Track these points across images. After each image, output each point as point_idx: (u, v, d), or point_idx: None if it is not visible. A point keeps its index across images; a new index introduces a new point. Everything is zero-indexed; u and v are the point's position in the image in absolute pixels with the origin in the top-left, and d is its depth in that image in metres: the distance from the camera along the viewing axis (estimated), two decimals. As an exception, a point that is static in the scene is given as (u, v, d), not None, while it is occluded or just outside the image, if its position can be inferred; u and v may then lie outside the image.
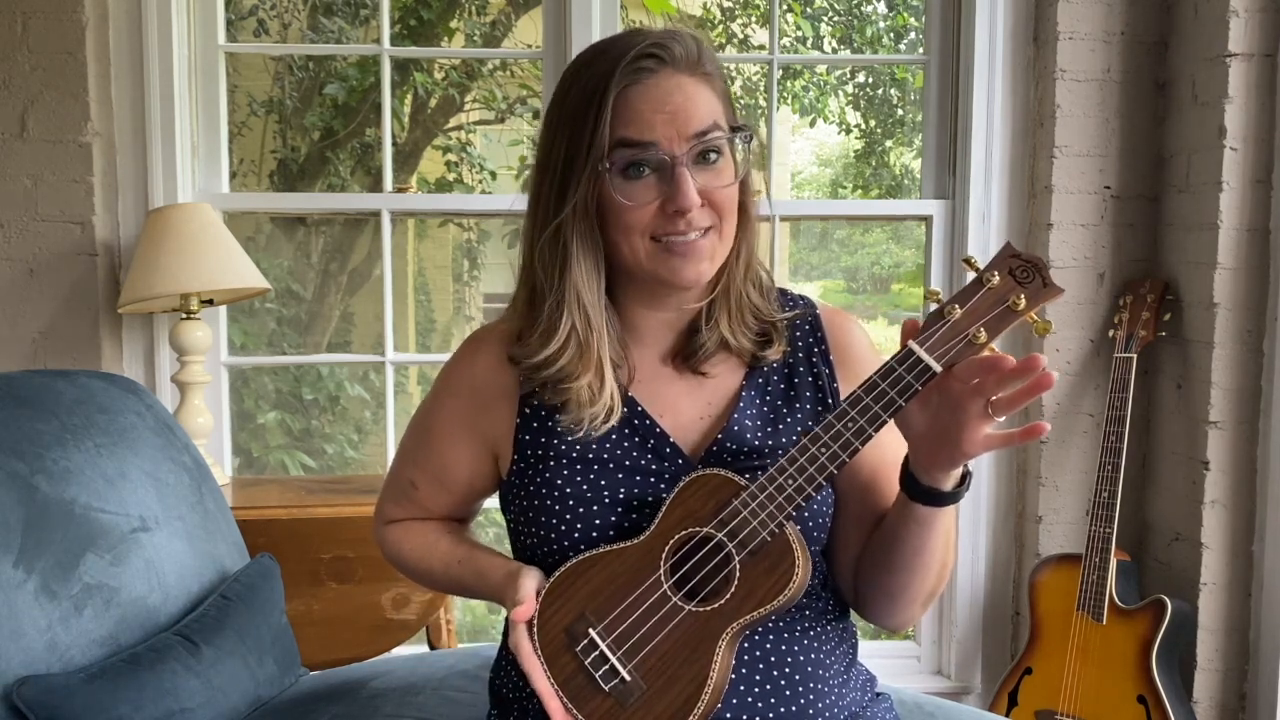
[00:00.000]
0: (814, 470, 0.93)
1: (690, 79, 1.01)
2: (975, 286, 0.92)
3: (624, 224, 1.01)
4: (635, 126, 0.99)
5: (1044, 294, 0.91)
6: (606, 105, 0.99)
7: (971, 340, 0.91)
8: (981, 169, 2.36)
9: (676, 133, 0.99)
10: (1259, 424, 2.10)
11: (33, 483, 1.28)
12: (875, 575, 1.09)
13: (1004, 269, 0.92)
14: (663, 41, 1.01)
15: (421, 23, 4.29)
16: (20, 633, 1.19)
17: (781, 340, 1.11)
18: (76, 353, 2.24)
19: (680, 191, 0.99)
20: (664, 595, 0.97)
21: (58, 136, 2.20)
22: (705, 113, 1.00)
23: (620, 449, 1.06)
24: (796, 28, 4.73)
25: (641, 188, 1.00)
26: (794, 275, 5.83)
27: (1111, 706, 2.09)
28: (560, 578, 1.00)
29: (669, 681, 0.95)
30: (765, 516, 0.94)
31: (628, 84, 0.99)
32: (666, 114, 0.99)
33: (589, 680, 0.97)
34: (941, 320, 0.92)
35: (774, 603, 0.94)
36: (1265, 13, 2.05)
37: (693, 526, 0.97)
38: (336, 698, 1.43)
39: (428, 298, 5.19)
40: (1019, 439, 0.92)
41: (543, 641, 0.98)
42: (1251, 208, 2.08)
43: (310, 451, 4.45)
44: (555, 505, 1.04)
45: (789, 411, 1.09)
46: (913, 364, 0.91)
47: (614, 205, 1.01)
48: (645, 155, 0.99)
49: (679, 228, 1.00)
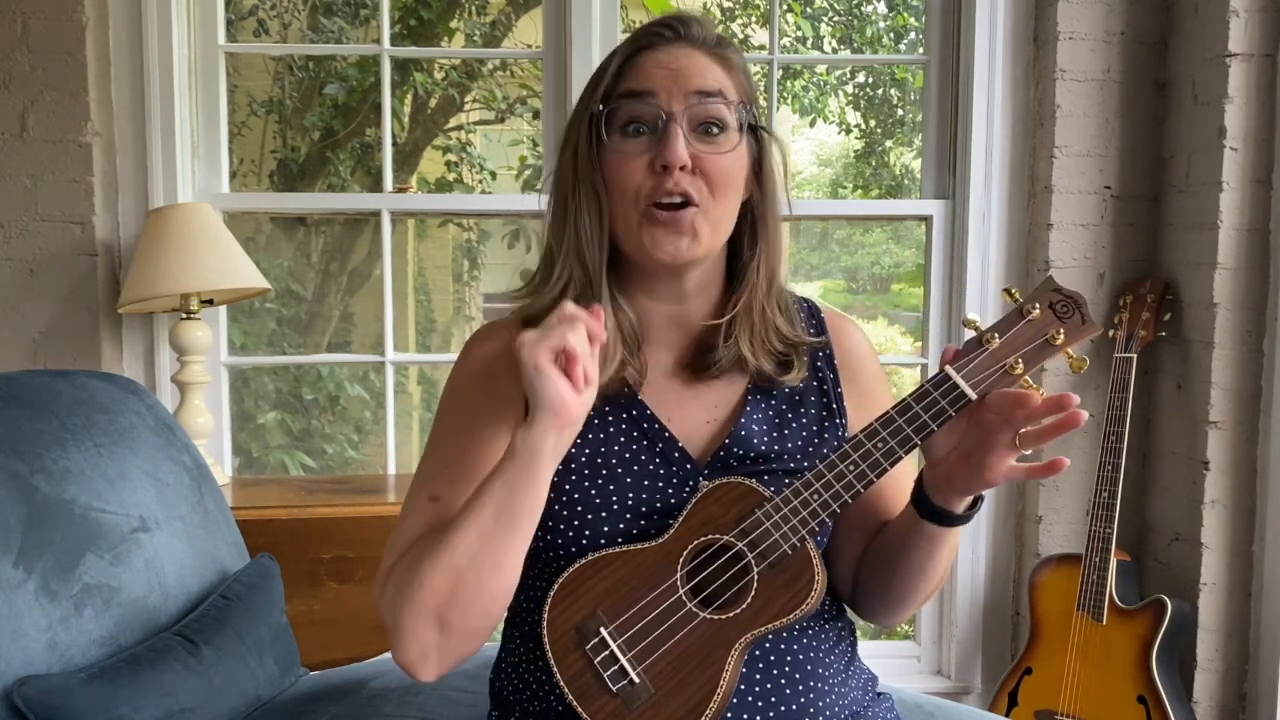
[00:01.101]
0: (840, 487, 0.93)
1: (703, 53, 1.02)
2: (1015, 318, 0.93)
3: (618, 184, 1.01)
4: (636, 79, 1.01)
5: (1083, 330, 0.92)
6: (613, 63, 1.02)
7: (1008, 370, 0.92)
8: (981, 169, 2.36)
9: (676, 87, 0.99)
10: (1259, 424, 2.10)
11: (33, 483, 1.28)
12: (876, 581, 1.09)
13: (1045, 302, 0.93)
14: (683, 17, 1.03)
15: (421, 23, 4.29)
16: (20, 633, 1.19)
17: (802, 366, 1.09)
18: (76, 353, 2.24)
19: (668, 146, 0.98)
20: (679, 600, 0.96)
21: (58, 136, 2.20)
22: (712, 78, 1.01)
23: (629, 453, 1.05)
24: (796, 28, 4.73)
25: (634, 143, 1.00)
26: (794, 275, 5.83)
27: (1111, 706, 2.09)
28: (573, 575, 0.98)
29: (678, 686, 0.95)
30: (788, 530, 0.94)
31: (641, 47, 1.02)
32: (669, 70, 1.00)
33: (597, 679, 0.96)
34: (980, 348, 0.93)
35: (790, 616, 0.94)
36: (1265, 13, 2.05)
37: (713, 533, 0.97)
38: (336, 698, 1.43)
39: (428, 298, 5.19)
40: (1040, 473, 0.92)
41: (551, 637, 0.98)
42: (1251, 208, 2.08)
43: (310, 451, 4.45)
44: (564, 511, 1.03)
45: (794, 416, 1.09)
46: (948, 389, 0.92)
47: (610, 164, 1.01)
48: (642, 107, 0.99)
49: (665, 187, 0.99)
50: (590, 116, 1.02)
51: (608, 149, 1.01)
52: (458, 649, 0.96)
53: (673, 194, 0.99)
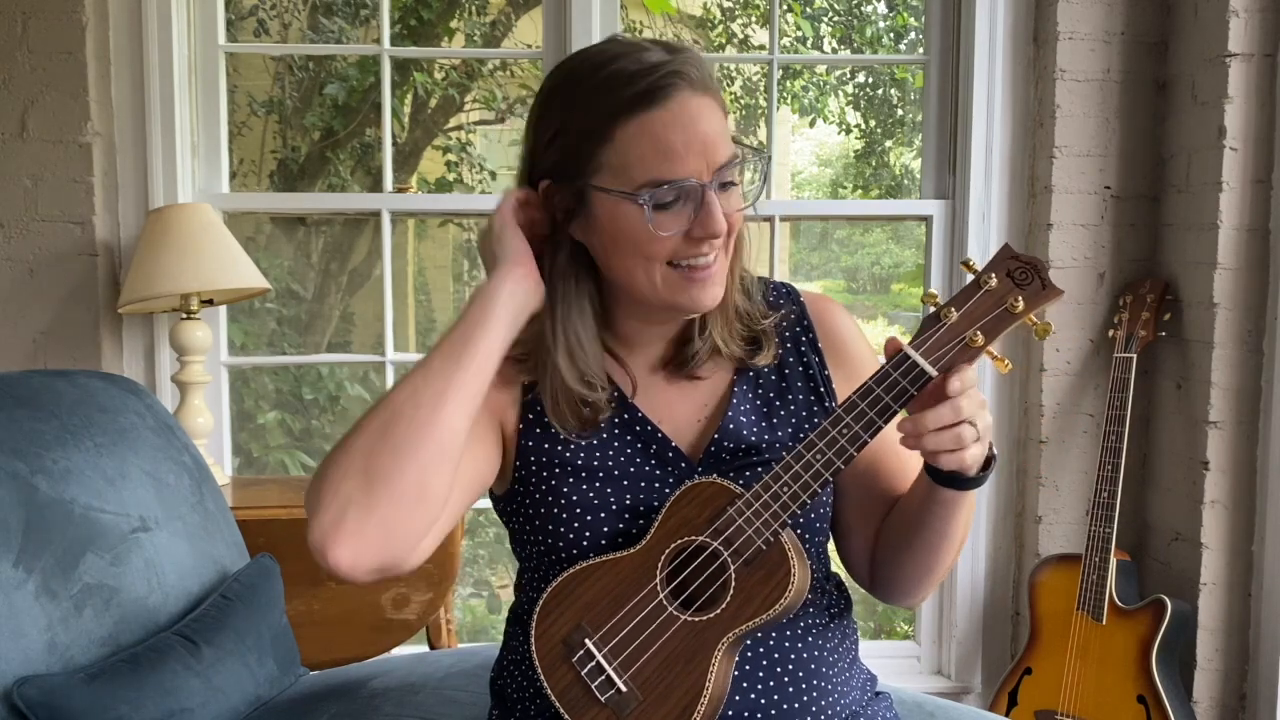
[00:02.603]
0: (809, 477, 0.93)
1: (706, 99, 0.98)
2: (973, 289, 0.92)
3: (646, 252, 0.98)
4: (668, 163, 0.96)
5: (1043, 296, 0.91)
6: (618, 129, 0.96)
7: (969, 343, 0.91)
8: (981, 169, 2.36)
9: (706, 164, 0.96)
10: (1259, 424, 2.10)
11: (33, 483, 1.28)
12: (897, 557, 1.09)
13: (1002, 271, 0.92)
14: (683, 58, 0.98)
15: (421, 23, 4.29)
16: (20, 633, 1.19)
17: (772, 346, 1.10)
18: (76, 353, 2.24)
19: (712, 218, 0.97)
20: (660, 605, 0.96)
21: (58, 136, 2.20)
22: (724, 139, 0.98)
23: (624, 456, 1.05)
24: (796, 28, 4.73)
25: (672, 218, 0.97)
26: (794, 275, 5.83)
27: (1111, 706, 2.09)
28: (556, 589, 0.99)
29: (665, 691, 0.95)
30: (760, 525, 0.94)
31: (645, 108, 0.96)
32: (697, 146, 0.96)
33: (585, 691, 0.96)
34: (938, 324, 0.92)
35: (770, 612, 0.94)
36: (1265, 13, 2.05)
37: (688, 535, 0.97)
38: (336, 698, 1.43)
39: (428, 298, 5.19)
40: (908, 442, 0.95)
41: (540, 652, 0.98)
42: (1251, 208, 2.08)
43: (310, 451, 4.45)
44: (562, 514, 1.03)
45: (783, 404, 1.09)
46: (908, 369, 0.92)
47: (637, 234, 0.97)
48: (683, 190, 0.96)
49: (702, 251, 0.98)
50: (583, 194, 0.99)
51: (627, 219, 0.97)
52: (379, 514, 0.89)
53: (709, 255, 0.99)
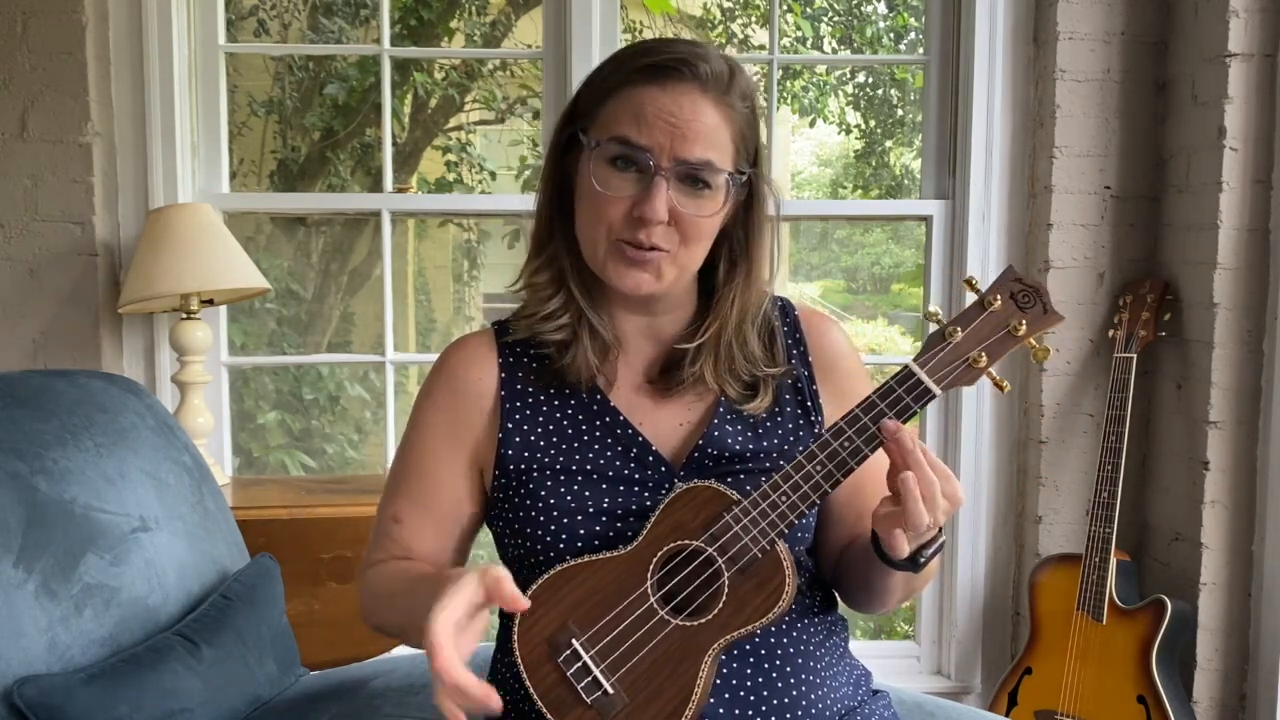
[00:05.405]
0: (808, 488, 0.93)
1: (709, 100, 0.99)
2: (977, 309, 0.93)
3: (593, 209, 1.01)
4: (636, 128, 0.98)
5: (1044, 320, 0.92)
6: (616, 82, 1.01)
7: (972, 364, 0.92)
8: (981, 169, 2.36)
9: (671, 145, 0.98)
10: (1259, 424, 2.10)
11: (33, 483, 1.28)
12: (850, 584, 1.10)
13: (1006, 293, 0.93)
14: (698, 53, 1.00)
15: (421, 23, 4.29)
16: (20, 633, 1.19)
17: (769, 394, 1.08)
18: (76, 353, 2.24)
19: (650, 199, 0.98)
20: (650, 608, 0.95)
21: (58, 136, 2.20)
22: (706, 143, 0.99)
23: (604, 459, 1.05)
24: (796, 28, 4.73)
25: (620, 180, 1.00)
26: (794, 275, 5.83)
27: (1111, 706, 2.09)
28: (543, 586, 0.97)
29: (652, 695, 0.94)
30: (757, 533, 0.94)
31: (646, 81, 0.99)
32: (670, 124, 0.98)
33: (570, 692, 0.95)
34: (943, 342, 0.92)
35: (762, 620, 0.94)
36: (1265, 13, 2.05)
37: (682, 539, 0.96)
38: (336, 698, 1.43)
39: (428, 298, 5.19)
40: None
41: (524, 650, 0.97)
42: (1251, 208, 2.08)
43: (310, 451, 4.45)
44: (540, 517, 1.03)
45: (769, 416, 1.09)
46: (912, 385, 0.92)
47: (588, 188, 1.01)
48: (635, 153, 0.99)
49: (638, 236, 0.99)
50: (577, 137, 1.03)
51: (589, 173, 1.01)
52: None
53: (644, 243, 1.00)
